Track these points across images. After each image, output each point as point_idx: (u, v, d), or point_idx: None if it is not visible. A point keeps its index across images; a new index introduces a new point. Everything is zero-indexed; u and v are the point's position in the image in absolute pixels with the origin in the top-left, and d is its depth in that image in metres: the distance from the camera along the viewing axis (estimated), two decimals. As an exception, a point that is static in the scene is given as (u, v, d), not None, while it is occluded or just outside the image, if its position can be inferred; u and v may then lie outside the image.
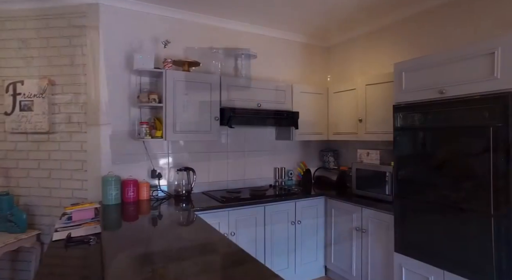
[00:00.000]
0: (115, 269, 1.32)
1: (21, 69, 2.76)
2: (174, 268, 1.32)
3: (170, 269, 1.31)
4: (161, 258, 1.47)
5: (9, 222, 2.56)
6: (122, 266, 1.36)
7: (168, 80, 2.54)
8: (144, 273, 1.25)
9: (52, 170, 2.73)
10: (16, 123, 2.74)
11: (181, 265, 1.33)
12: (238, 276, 1.25)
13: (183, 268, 1.31)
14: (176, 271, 1.29)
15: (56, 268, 1.61)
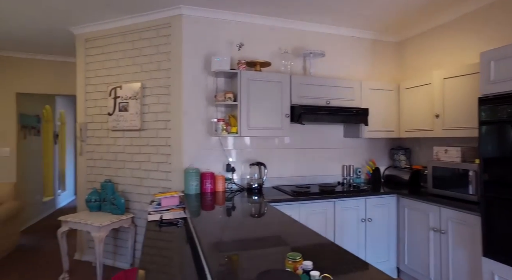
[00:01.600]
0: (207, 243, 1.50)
1: (120, 76, 3.24)
2: (253, 255, 1.44)
3: (250, 256, 1.43)
4: (240, 245, 1.61)
5: (112, 205, 3.02)
6: (208, 246, 1.54)
7: (243, 80, 2.74)
8: (221, 258, 1.30)
9: (142, 163, 3.14)
10: (116, 122, 3.21)
11: (261, 253, 1.45)
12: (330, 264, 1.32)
13: (263, 255, 1.42)
14: (255, 258, 1.40)
15: (156, 241, 1.89)
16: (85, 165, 3.47)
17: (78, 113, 3.51)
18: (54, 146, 5.93)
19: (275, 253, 1.33)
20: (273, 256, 1.28)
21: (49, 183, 5.71)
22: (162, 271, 1.56)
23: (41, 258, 3.58)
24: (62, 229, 2.97)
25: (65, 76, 4.58)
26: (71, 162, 6.95)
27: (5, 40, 3.85)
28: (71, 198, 6.91)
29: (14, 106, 4.40)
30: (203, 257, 1.37)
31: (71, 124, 6.93)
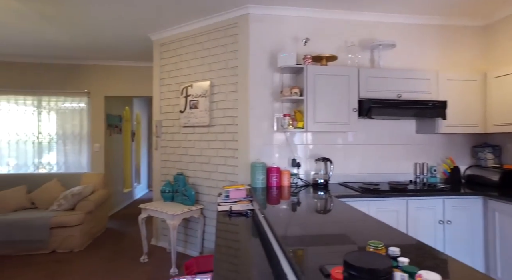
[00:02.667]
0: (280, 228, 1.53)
1: (191, 76, 3.47)
2: (329, 245, 1.42)
3: (327, 246, 1.41)
4: (315, 235, 1.60)
5: (184, 196, 3.25)
6: (284, 235, 1.56)
7: (309, 75, 2.72)
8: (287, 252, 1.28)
9: (210, 157, 3.32)
10: (187, 119, 3.45)
11: (337, 243, 1.43)
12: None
13: (339, 245, 1.40)
14: (331, 247, 1.39)
15: (227, 229, 1.99)
16: (160, 159, 3.79)
17: (154, 111, 3.85)
18: (132, 143, 6.60)
19: (352, 243, 1.30)
20: (352, 247, 1.26)
21: (127, 177, 6.37)
22: (234, 256, 1.63)
23: (125, 240, 4.01)
24: (142, 216, 3.29)
25: (142, 79, 5.06)
26: (145, 159, 7.65)
27: (97, 51, 4.40)
28: (145, 191, 7.60)
29: (103, 107, 5.01)
30: (279, 245, 1.40)
31: (144, 124, 7.63)
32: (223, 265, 1.48)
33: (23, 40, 3.97)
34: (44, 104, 5.01)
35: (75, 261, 3.37)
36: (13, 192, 3.97)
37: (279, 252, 1.48)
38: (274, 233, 1.52)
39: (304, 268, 1.05)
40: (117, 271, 3.10)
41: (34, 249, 3.54)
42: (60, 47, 4.30)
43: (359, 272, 0.72)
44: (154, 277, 2.98)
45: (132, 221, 4.92)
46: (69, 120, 5.04)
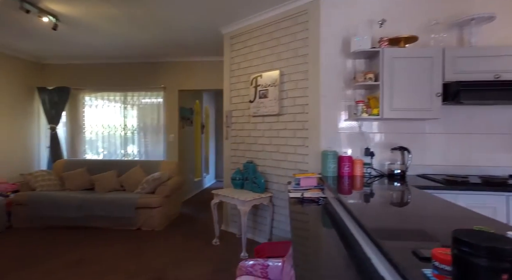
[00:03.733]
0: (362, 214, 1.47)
1: (260, 66, 3.53)
2: (423, 233, 1.32)
3: (420, 235, 1.32)
4: (403, 223, 1.51)
5: (254, 184, 3.34)
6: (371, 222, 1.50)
7: (385, 58, 2.54)
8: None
9: (280, 146, 3.34)
10: (256, 108, 3.52)
11: (432, 231, 1.32)
12: None
13: (436, 233, 1.29)
14: (425, 236, 1.29)
15: (300, 213, 1.98)
16: (230, 148, 3.95)
17: (224, 102, 4.02)
18: (201, 135, 7.00)
19: (446, 231, 1.19)
20: (447, 234, 1.15)
21: (198, 166, 6.79)
22: (310, 239, 1.62)
23: (197, 224, 4.30)
24: (214, 201, 3.48)
25: (212, 73, 5.32)
26: (213, 150, 8.05)
27: (173, 49, 4.75)
28: (213, 181, 8.02)
29: (177, 101, 5.40)
30: (363, 230, 1.34)
31: (212, 117, 8.02)
32: (301, 248, 1.48)
33: (113, 43, 4.47)
34: (129, 99, 5.60)
35: (156, 238, 3.72)
36: (107, 176, 4.54)
37: (362, 237, 1.43)
38: (357, 220, 1.47)
39: (395, 252, 0.99)
40: (193, 250, 3.34)
41: (125, 225, 4.01)
42: (142, 47, 4.75)
43: (476, 250, 0.65)
44: (226, 258, 3.13)
45: (203, 207, 5.24)
46: (148, 114, 5.55)
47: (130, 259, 3.10)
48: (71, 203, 4.01)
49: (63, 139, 5.67)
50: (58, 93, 5.48)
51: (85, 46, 4.75)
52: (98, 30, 4.02)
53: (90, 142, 5.74)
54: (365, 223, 1.29)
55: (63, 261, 3.06)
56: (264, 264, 2.19)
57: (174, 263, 3.02)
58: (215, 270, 2.87)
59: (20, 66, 5.22)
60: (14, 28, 3.97)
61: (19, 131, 5.22)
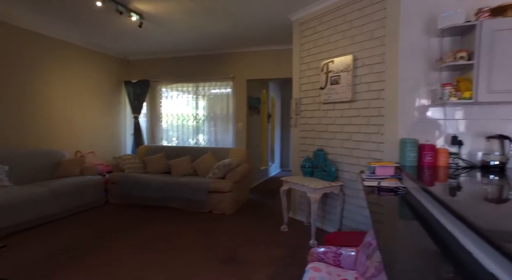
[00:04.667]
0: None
1: (332, 51, 3.41)
2: None
3: None
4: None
5: (324, 172, 3.29)
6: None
7: (484, 32, 2.23)
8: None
9: (352, 134, 3.21)
10: (327, 95, 3.43)
11: None
12: None
13: None
14: None
15: (377, 203, 1.89)
16: (299, 136, 3.93)
17: (294, 90, 3.99)
18: (267, 125, 7.10)
19: None
20: None
21: (264, 155, 6.92)
22: (392, 230, 1.54)
23: (265, 211, 4.41)
24: (283, 188, 3.52)
25: (279, 62, 5.32)
26: (278, 140, 8.12)
27: (242, 39, 4.87)
28: (278, 171, 8.11)
29: (245, 90, 5.56)
30: (463, 222, 1.23)
31: (278, 106, 8.06)
32: (385, 239, 1.41)
33: (188, 37, 4.76)
34: (200, 90, 5.94)
35: (226, 221, 3.93)
36: (182, 161, 4.92)
37: (462, 233, 1.30)
38: (453, 210, 1.34)
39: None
40: (262, 235, 3.44)
41: (198, 207, 4.32)
42: (213, 40, 4.96)
43: None
44: (295, 244, 3.16)
45: (269, 195, 5.35)
46: (218, 103, 5.82)
47: (205, 238, 3.34)
48: (152, 184, 4.45)
49: (144, 127, 6.30)
50: (140, 85, 6.08)
51: (163, 42, 5.15)
52: (175, 25, 4.32)
53: (166, 130, 6.26)
54: (474, 221, 1.17)
55: (149, 234, 3.43)
56: (336, 252, 2.16)
57: (244, 244, 3.16)
58: (284, 255, 2.92)
59: (111, 62, 5.90)
60: (107, 30, 4.49)
61: (110, 120, 5.94)
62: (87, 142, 5.36)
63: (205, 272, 2.58)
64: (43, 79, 4.57)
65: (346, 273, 2.01)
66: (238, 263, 2.75)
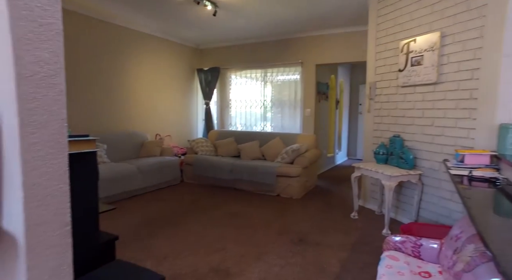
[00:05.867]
0: None
1: (414, 29, 3.12)
2: None
3: None
4: None
5: (400, 159, 3.09)
6: None
7: None
8: None
9: (435, 119, 2.94)
10: (407, 78, 3.17)
11: None
12: None
13: None
14: None
15: (472, 192, 1.71)
16: (372, 122, 3.74)
17: (368, 73, 3.78)
18: (335, 111, 6.88)
19: None
20: None
21: (331, 142, 6.76)
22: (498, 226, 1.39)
23: (333, 197, 4.34)
24: (354, 174, 3.41)
25: (350, 45, 5.06)
26: (346, 127, 7.83)
27: (312, 23, 4.73)
28: (344, 159, 7.86)
29: (314, 76, 5.44)
30: None
31: (347, 92, 7.73)
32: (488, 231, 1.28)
33: (258, 23, 4.80)
34: (268, 76, 6.00)
35: (295, 205, 3.98)
36: (250, 145, 5.08)
37: None
38: None
39: None
40: (331, 220, 3.41)
41: (266, 190, 4.45)
42: (283, 25, 4.93)
43: None
44: (366, 233, 3.06)
45: (336, 182, 5.24)
46: (286, 89, 5.81)
47: (275, 219, 3.43)
48: (224, 167, 4.70)
49: (214, 113, 6.63)
50: (211, 72, 6.38)
51: (234, 29, 5.29)
52: (248, 12, 4.39)
53: (235, 116, 6.50)
54: None
55: (222, 212, 3.66)
56: (416, 242, 2.05)
57: (313, 229, 3.17)
58: (355, 242, 2.86)
59: (185, 51, 6.30)
60: (182, 20, 4.78)
61: (184, 106, 6.39)
62: (164, 126, 5.86)
63: (277, 250, 2.67)
64: (128, 69, 5.09)
65: (428, 265, 1.89)
66: (308, 245, 2.78)
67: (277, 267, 2.40)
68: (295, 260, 2.50)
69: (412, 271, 1.78)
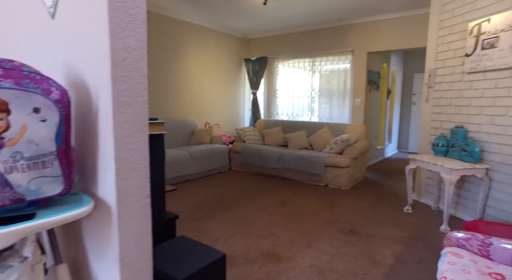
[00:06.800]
0: None
1: (488, 7, 2.83)
2: None
3: None
4: None
5: (463, 152, 2.88)
6: None
7: None
8: None
9: (509, 108, 2.67)
10: (475, 63, 2.91)
11: None
12: None
13: None
14: None
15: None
16: (431, 111, 3.51)
17: (427, 60, 3.53)
18: (386, 101, 6.55)
19: None
20: None
21: (380, 134, 6.47)
22: None
23: (383, 190, 4.19)
24: (409, 167, 3.25)
25: (406, 30, 4.75)
26: (397, 118, 7.43)
27: (364, 8, 4.51)
28: (394, 151, 7.49)
29: (365, 64, 5.22)
30: None
31: (399, 81, 7.30)
32: None
33: (307, 11, 4.70)
34: (316, 65, 5.88)
35: (343, 196, 3.91)
36: (298, 135, 5.06)
37: None
38: None
39: None
40: (382, 213, 3.30)
41: (314, 180, 4.43)
42: (333, 11, 4.76)
43: None
44: (421, 227, 2.92)
45: (386, 175, 5.03)
46: (335, 78, 5.66)
47: (323, 209, 3.42)
48: (271, 156, 4.75)
49: (261, 102, 6.68)
50: (258, 62, 6.41)
51: (283, 18, 5.24)
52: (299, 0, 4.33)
53: (281, 105, 6.50)
54: None
55: (270, 199, 3.73)
56: (485, 241, 1.91)
57: (364, 220, 3.10)
58: (409, 236, 2.74)
59: (233, 41, 6.39)
60: (233, 10, 4.84)
61: (232, 95, 6.53)
62: (213, 114, 6.06)
63: (327, 239, 2.67)
64: (180, 59, 5.31)
65: (499, 267, 1.76)
66: (359, 236, 2.74)
67: (328, 255, 2.40)
68: (347, 250, 2.48)
69: (480, 271, 1.67)
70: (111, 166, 1.01)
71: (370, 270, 2.19)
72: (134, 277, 1.11)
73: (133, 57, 1.03)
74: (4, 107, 0.79)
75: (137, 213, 1.10)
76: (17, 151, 0.83)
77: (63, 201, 1.03)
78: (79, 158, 1.17)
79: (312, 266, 2.24)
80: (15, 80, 0.86)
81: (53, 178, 0.93)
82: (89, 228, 1.16)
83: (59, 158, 0.94)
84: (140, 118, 1.09)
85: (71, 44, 1.12)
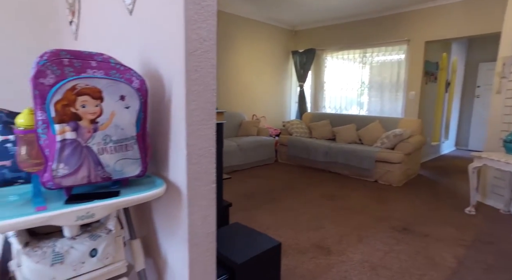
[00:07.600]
0: None
1: None
2: None
3: None
4: None
5: (542, 149, 2.58)
6: None
7: None
8: None
9: None
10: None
11: None
12: None
13: None
14: None
15: None
16: (502, 105, 3.18)
17: (502, 46, 3.20)
18: (444, 94, 6.07)
19: None
20: None
21: (436, 129, 6.03)
22: None
23: (439, 189, 3.92)
24: (474, 165, 3.00)
25: (472, 15, 4.32)
26: (456, 112, 6.86)
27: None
28: (452, 149, 6.95)
29: (422, 54, 4.87)
30: None
31: (460, 72, 6.71)
32: None
33: (357, 1, 4.50)
34: (367, 56, 5.62)
35: (395, 193, 3.73)
36: (347, 129, 4.92)
37: None
38: None
39: None
40: (439, 213, 3.10)
41: (363, 175, 4.28)
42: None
43: None
44: (488, 232, 2.69)
45: (443, 173, 4.69)
46: (387, 70, 5.36)
47: (374, 205, 3.30)
48: (319, 149, 4.68)
49: (308, 95, 6.58)
50: (306, 54, 6.30)
51: (332, 7, 5.07)
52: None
53: (328, 99, 6.34)
54: None
55: (318, 192, 3.69)
56: None
57: (419, 219, 2.94)
58: (474, 239, 2.54)
59: (280, 34, 6.35)
60: (283, 2, 4.79)
61: (279, 88, 6.51)
62: (260, 107, 6.10)
63: (379, 235, 2.58)
64: (232, 52, 5.41)
65: None
66: (414, 235, 2.60)
67: (381, 252, 2.32)
68: (401, 248, 2.38)
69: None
70: (183, 151, 1.08)
71: (427, 271, 2.07)
72: (200, 256, 1.17)
73: (204, 48, 1.08)
74: (99, 95, 0.88)
75: (204, 196, 1.16)
76: (107, 134, 0.92)
77: (139, 182, 1.12)
78: (152, 143, 1.26)
79: (363, 261, 2.18)
80: (105, 71, 0.95)
81: (133, 160, 1.01)
82: (159, 208, 1.25)
83: (138, 142, 1.02)
84: (208, 107, 1.13)
85: (147, 37, 1.20)
